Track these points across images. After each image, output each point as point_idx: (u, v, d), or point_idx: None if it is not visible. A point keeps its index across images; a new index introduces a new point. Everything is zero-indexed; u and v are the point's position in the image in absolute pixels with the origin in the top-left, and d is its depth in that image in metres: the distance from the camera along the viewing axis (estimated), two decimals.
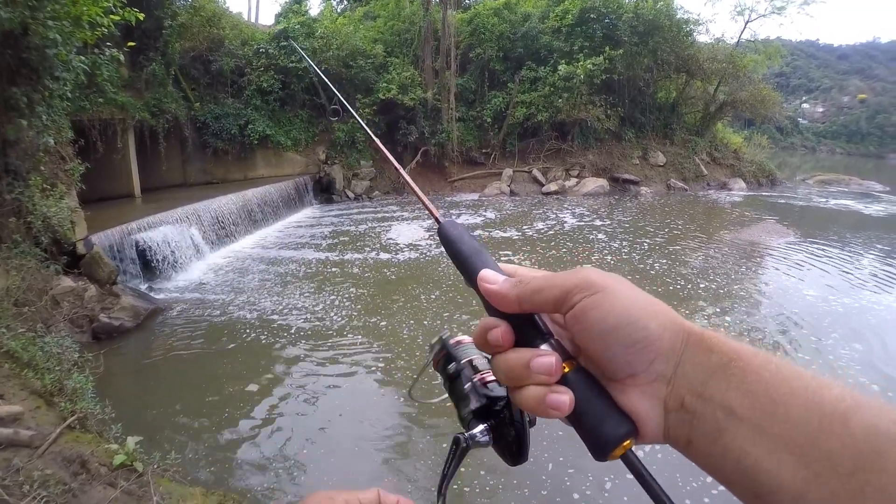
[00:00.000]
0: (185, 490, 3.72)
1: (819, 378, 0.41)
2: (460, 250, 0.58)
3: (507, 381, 0.51)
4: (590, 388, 0.47)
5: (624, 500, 4.31)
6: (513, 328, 0.51)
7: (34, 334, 5.32)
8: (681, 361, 0.45)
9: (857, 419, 0.37)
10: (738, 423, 0.41)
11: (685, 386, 0.44)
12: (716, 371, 0.43)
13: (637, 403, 0.46)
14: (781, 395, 0.40)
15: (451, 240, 0.59)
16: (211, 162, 16.82)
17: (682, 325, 0.46)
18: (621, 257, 11.87)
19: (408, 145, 19.75)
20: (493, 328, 0.51)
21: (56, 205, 7.69)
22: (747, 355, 0.43)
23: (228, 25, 17.77)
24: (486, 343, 0.52)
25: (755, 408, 0.40)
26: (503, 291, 0.51)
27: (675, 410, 0.45)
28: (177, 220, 11.16)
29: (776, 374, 0.41)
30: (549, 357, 0.48)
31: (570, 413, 0.47)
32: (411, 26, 21.57)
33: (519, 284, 0.51)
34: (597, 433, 0.46)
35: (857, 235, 14.51)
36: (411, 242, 12.74)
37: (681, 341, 0.45)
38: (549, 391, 0.47)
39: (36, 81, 6.85)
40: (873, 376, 6.69)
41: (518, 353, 0.50)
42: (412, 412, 5.73)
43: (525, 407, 0.49)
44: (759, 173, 23.95)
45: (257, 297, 9.11)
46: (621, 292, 0.47)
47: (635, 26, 20.18)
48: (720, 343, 0.44)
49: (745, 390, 0.41)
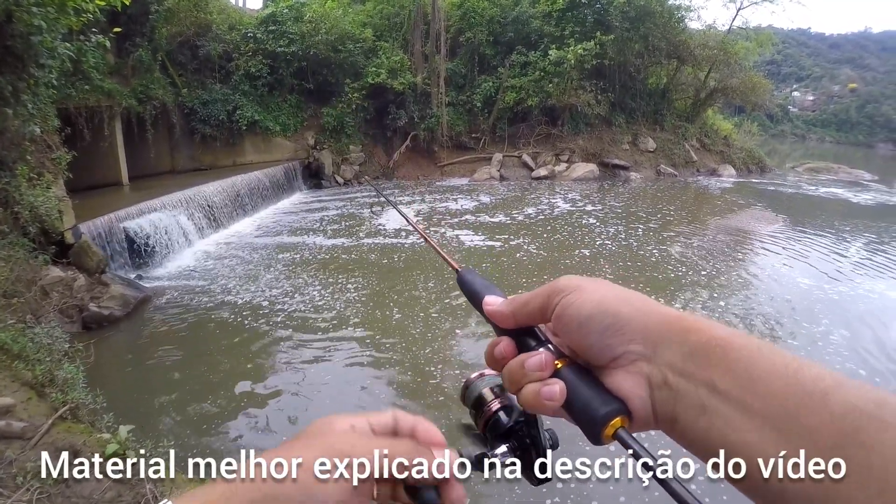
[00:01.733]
0: (179, 477, 3.75)
1: (799, 358, 0.42)
2: (474, 290, 0.65)
3: (510, 386, 0.55)
4: (579, 377, 0.51)
5: None
6: (515, 342, 0.56)
7: (24, 325, 5.31)
8: (660, 341, 0.47)
9: (836, 397, 0.39)
10: (720, 400, 0.43)
11: (666, 364, 0.47)
12: (696, 350, 0.45)
13: (622, 382, 0.49)
14: (762, 372, 0.42)
15: (467, 283, 0.67)
16: (199, 148, 16.68)
17: (656, 308, 0.50)
18: (620, 243, 11.95)
19: (397, 130, 19.69)
20: (497, 344, 0.57)
21: (43, 194, 7.63)
22: (727, 335, 0.45)
23: (216, 10, 17.52)
24: (494, 360, 0.57)
25: (737, 384, 0.42)
26: (500, 309, 0.58)
27: (659, 388, 0.47)
28: (165, 207, 11.09)
29: (756, 352, 0.43)
30: (539, 355, 0.52)
31: (564, 403, 0.50)
32: (401, 10, 21.35)
33: (512, 302, 0.57)
34: (587, 414, 0.49)
35: (845, 224, 14.65)
36: (400, 228, 12.75)
37: (656, 322, 0.48)
38: (543, 384, 0.51)
39: (21, 69, 6.76)
40: (860, 363, 6.83)
41: (517, 358, 0.54)
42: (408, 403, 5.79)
43: (525, 405, 0.53)
44: (748, 160, 24.03)
45: (247, 284, 9.11)
46: (591, 288, 0.52)
47: (626, 12, 20.05)
48: (698, 324, 0.47)
49: (726, 368, 0.43)
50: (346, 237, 12.13)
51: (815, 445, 0.38)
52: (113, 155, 13.14)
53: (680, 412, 0.45)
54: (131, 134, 13.78)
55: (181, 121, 15.95)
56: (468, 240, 12.17)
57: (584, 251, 11.40)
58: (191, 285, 9.18)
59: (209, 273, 9.81)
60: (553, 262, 10.61)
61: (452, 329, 7.44)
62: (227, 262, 10.42)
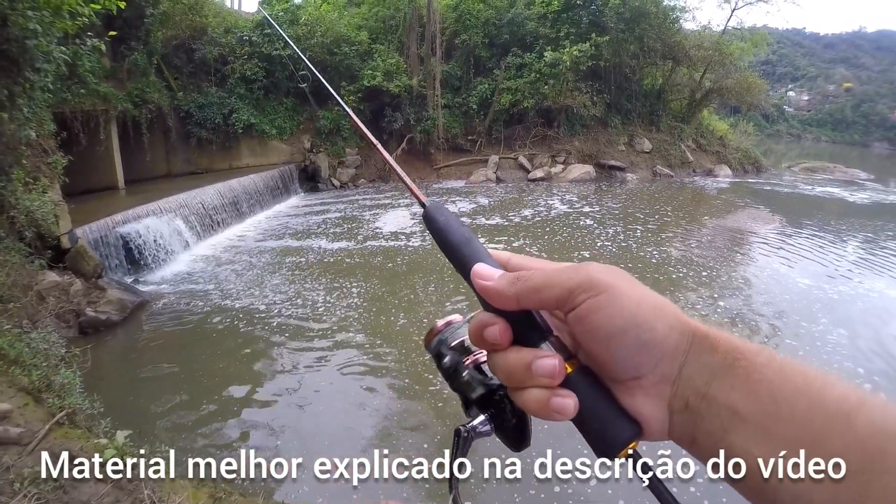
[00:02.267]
0: (176, 482, 3.74)
1: (823, 375, 0.41)
2: (449, 239, 0.54)
3: (507, 382, 0.49)
4: (594, 391, 0.46)
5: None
6: (510, 324, 0.48)
7: (20, 330, 5.29)
8: (686, 362, 0.44)
9: (861, 418, 0.38)
10: (741, 424, 0.41)
11: (689, 387, 0.44)
12: (719, 371, 0.43)
13: (642, 406, 0.45)
14: (785, 394, 0.40)
15: (437, 225, 0.55)
16: (195, 152, 16.64)
17: (687, 323, 0.45)
18: (619, 245, 11.97)
19: (393, 132, 19.64)
20: (489, 325, 0.48)
21: (39, 198, 7.61)
22: (751, 354, 0.43)
23: (211, 13, 17.54)
24: (482, 340, 0.49)
25: (759, 408, 0.41)
26: (500, 289, 0.48)
27: (680, 411, 0.44)
28: (162, 211, 11.07)
29: (779, 372, 0.41)
30: (551, 359, 0.46)
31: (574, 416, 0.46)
32: (396, 13, 21.36)
33: (517, 282, 0.47)
34: (603, 436, 0.46)
35: (843, 223, 14.71)
36: (398, 230, 12.73)
37: (686, 341, 0.45)
38: (553, 394, 0.45)
39: (16, 73, 6.73)
40: (858, 361, 6.88)
41: (518, 352, 0.47)
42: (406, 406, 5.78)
43: (526, 409, 0.48)
44: (744, 160, 24.08)
45: (244, 288, 9.10)
46: (626, 292, 0.45)
47: (622, 13, 20.10)
48: (725, 341, 0.44)
49: (749, 390, 0.41)
50: (344, 240, 12.12)
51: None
52: (109, 159, 13.10)
53: (699, 435, 0.44)
54: (127, 138, 13.75)
55: (177, 124, 15.93)
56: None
57: (584, 252, 11.41)
58: (188, 289, 9.16)
59: (206, 277, 9.79)
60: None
61: None
62: (224, 267, 10.40)
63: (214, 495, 3.75)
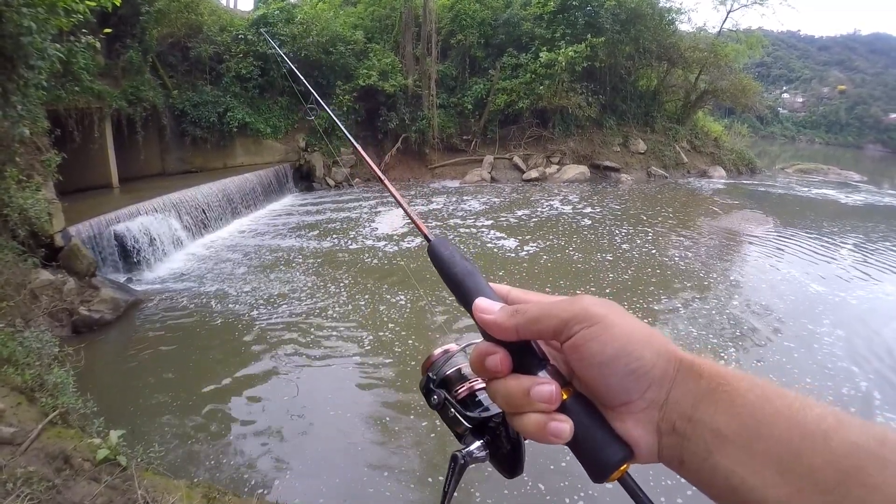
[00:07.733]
0: (170, 482, 3.73)
1: (802, 398, 0.43)
2: (452, 272, 0.58)
3: (506, 408, 0.52)
4: (588, 416, 0.49)
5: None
6: (510, 353, 0.52)
7: (13, 329, 5.27)
8: (672, 388, 0.47)
9: (838, 436, 0.40)
10: (725, 444, 0.44)
11: (676, 411, 0.47)
12: (704, 396, 0.46)
13: (632, 430, 0.48)
14: (766, 414, 0.43)
15: (442, 260, 0.59)
16: (189, 150, 16.56)
17: (673, 352, 0.49)
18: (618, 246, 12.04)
19: (388, 132, 19.65)
20: (490, 354, 0.52)
21: (32, 197, 7.57)
22: (734, 379, 0.46)
23: (207, 11, 17.45)
24: (483, 369, 0.53)
25: (741, 429, 0.43)
26: (500, 321, 0.52)
27: (668, 434, 0.47)
28: (156, 209, 11.04)
29: (761, 396, 0.44)
30: (549, 386, 0.49)
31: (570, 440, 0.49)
32: (392, 12, 21.37)
33: (516, 314, 0.51)
34: (596, 459, 0.48)
35: (837, 224, 14.85)
36: (392, 232, 12.72)
37: (673, 368, 0.48)
38: (550, 419, 0.49)
39: (10, 70, 6.68)
40: (856, 361, 6.98)
41: (517, 380, 0.51)
42: (397, 411, 5.78)
43: (525, 433, 0.51)
44: (738, 162, 24.24)
45: (238, 287, 9.07)
46: (618, 323, 0.48)
47: (617, 14, 20.18)
48: (709, 368, 0.47)
49: (733, 413, 0.44)
50: (339, 240, 12.09)
51: (816, 485, 0.39)
52: (103, 157, 13.04)
53: (686, 456, 0.46)
54: (121, 136, 13.67)
55: (171, 123, 15.85)
56: (464, 241, 12.17)
57: (581, 254, 11.43)
58: (182, 288, 9.12)
59: (200, 276, 9.75)
60: (551, 267, 10.63)
61: (451, 340, 7.42)
62: (218, 265, 10.36)
63: (208, 495, 3.75)
